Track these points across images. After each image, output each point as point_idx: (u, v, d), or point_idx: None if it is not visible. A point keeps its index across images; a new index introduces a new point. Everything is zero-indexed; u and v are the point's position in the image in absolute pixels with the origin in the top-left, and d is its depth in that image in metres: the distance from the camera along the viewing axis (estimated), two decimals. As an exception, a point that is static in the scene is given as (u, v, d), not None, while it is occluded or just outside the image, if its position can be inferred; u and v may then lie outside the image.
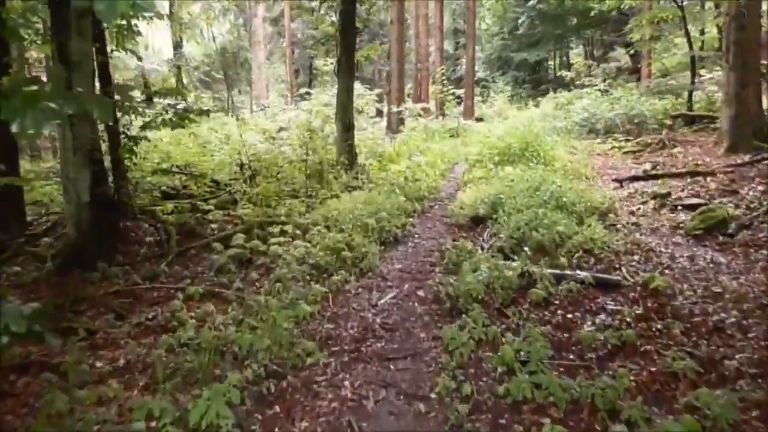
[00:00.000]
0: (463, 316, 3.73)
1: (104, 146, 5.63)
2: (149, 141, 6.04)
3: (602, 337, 3.43)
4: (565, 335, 3.61)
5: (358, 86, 18.98)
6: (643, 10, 16.26)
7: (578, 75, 20.89)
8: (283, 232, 5.58)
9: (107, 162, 5.58)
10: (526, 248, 5.21)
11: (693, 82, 13.98)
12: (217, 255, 4.98)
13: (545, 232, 5.31)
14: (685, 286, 4.29)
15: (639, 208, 6.70)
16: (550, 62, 39.30)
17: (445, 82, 18.41)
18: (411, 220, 6.76)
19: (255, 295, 4.20)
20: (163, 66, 27.29)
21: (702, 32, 15.57)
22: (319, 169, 7.80)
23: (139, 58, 24.38)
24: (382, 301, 4.41)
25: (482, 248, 5.42)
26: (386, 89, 19.94)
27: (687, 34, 14.28)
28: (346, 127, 9.49)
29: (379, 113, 20.44)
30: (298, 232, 5.68)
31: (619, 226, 5.98)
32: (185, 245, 5.22)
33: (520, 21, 31.47)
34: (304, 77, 34.16)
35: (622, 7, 16.51)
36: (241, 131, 9.10)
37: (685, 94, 14.55)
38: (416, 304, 4.34)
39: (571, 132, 13.12)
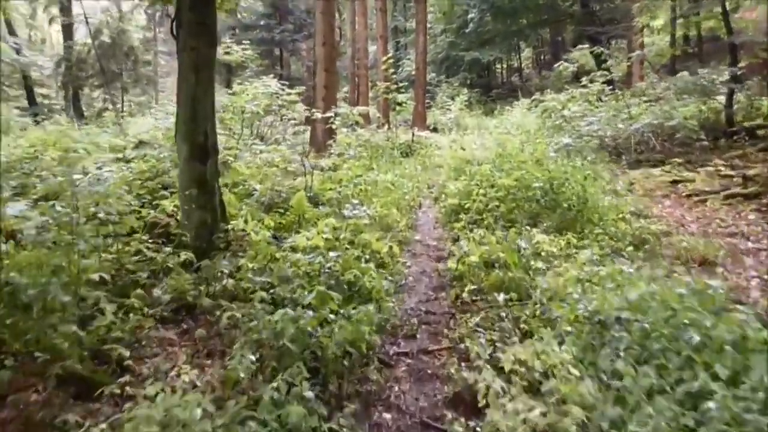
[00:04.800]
0: None
1: None
2: None
3: None
4: None
5: (272, 84, 13.68)
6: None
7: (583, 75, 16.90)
8: None
9: None
10: None
11: (736, 80, 10.04)
12: None
13: None
14: None
15: None
16: (498, 66, 35.89)
17: (394, 77, 13.33)
18: None
19: None
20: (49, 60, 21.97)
21: (733, 10, 11.82)
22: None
23: (17, 51, 17.95)
24: None
25: None
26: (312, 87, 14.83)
27: (725, 13, 10.38)
28: (201, 150, 4.29)
29: (309, 122, 15.21)
30: None
31: None
32: None
33: (470, 17, 27.60)
34: (226, 74, 28.47)
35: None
36: None
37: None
38: None
39: (586, 154, 8.57)
